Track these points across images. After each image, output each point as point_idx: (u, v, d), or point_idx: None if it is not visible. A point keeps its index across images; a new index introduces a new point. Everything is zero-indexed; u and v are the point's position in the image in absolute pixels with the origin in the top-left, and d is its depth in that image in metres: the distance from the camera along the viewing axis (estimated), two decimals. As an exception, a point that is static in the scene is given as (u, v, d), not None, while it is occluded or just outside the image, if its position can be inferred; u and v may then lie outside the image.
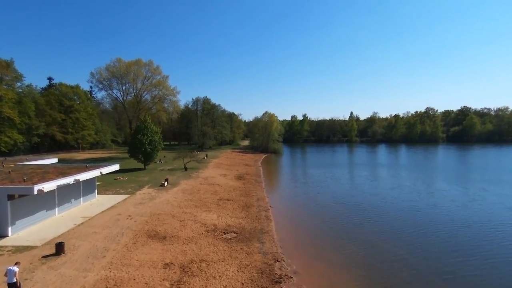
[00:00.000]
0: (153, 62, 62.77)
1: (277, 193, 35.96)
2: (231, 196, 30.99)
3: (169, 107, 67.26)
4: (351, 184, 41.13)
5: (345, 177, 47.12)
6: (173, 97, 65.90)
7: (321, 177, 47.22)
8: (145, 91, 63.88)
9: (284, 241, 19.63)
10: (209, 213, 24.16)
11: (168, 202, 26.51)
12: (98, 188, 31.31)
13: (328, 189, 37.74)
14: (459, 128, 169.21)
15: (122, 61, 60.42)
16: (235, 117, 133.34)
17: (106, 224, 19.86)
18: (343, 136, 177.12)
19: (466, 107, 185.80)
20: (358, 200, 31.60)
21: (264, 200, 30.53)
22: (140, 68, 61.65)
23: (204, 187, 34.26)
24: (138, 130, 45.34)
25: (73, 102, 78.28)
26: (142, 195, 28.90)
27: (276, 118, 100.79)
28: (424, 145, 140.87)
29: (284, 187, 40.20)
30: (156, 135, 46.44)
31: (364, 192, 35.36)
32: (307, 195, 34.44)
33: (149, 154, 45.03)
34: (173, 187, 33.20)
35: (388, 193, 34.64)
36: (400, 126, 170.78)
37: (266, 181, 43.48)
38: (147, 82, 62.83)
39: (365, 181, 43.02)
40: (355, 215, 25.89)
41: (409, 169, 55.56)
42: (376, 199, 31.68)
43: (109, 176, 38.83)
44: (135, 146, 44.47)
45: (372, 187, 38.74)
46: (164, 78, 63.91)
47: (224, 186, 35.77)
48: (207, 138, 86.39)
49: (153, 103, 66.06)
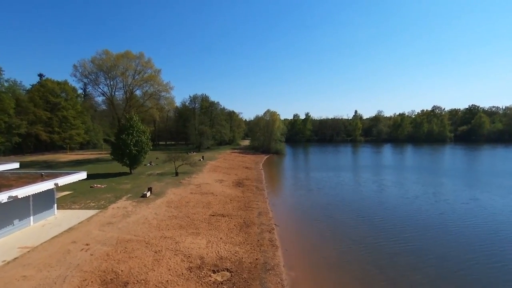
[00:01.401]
0: (144, 55, 57.19)
1: (282, 204, 30.27)
2: (227, 209, 25.37)
3: (163, 104, 61.31)
4: (363, 192, 35.41)
5: (355, 183, 41.45)
6: (167, 93, 60.08)
7: (329, 182, 41.60)
8: (136, 87, 58.10)
9: (298, 283, 14.07)
10: (197, 237, 18.55)
11: (146, 221, 20.88)
12: (65, 200, 25.76)
13: (339, 198, 32.10)
14: (467, 127, 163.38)
15: (109, 53, 54.77)
16: (235, 115, 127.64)
17: (48, 261, 14.24)
18: (347, 136, 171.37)
19: (474, 105, 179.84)
20: (376, 212, 25.96)
21: (267, 215, 24.90)
22: (129, 61, 55.96)
23: (195, 198, 28.63)
24: (122, 129, 39.74)
25: (60, 99, 72.73)
26: (116, 210, 23.27)
27: (279, 117, 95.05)
28: (431, 144, 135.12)
29: (289, 196, 34.53)
30: (143, 135, 40.84)
31: (381, 202, 29.71)
32: (317, 207, 28.77)
33: (135, 156, 39.43)
34: (157, 198, 27.57)
35: (417, 207, 28.97)
36: (406, 125, 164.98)
37: (268, 188, 37.82)
38: (138, 76, 57.11)
39: (378, 188, 37.35)
40: (379, 236, 20.25)
41: (426, 173, 49.81)
42: (401, 213, 26.04)
43: (85, 183, 33.31)
44: (119, 147, 38.89)
45: (390, 196, 33.07)
46: (156, 72, 58.16)
47: (220, 196, 30.15)
48: (204, 137, 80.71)
49: (144, 100, 60.26)
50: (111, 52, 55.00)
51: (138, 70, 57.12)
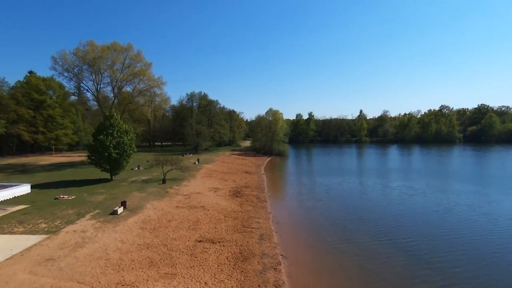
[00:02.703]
0: (133, 47, 51.61)
1: (289, 222, 24.44)
2: (219, 232, 19.66)
3: (155, 101, 55.62)
4: (384, 203, 29.57)
5: (370, 191, 35.62)
6: (159, 89, 54.43)
7: (340, 190, 35.96)
8: (125, 82, 52.51)
9: None
10: (171, 283, 12.87)
11: (103, 255, 15.16)
12: (12, 218, 20.10)
13: (357, 211, 26.33)
14: (477, 128, 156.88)
15: (94, 44, 49.18)
16: (236, 115, 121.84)
17: None
18: (352, 136, 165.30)
19: (484, 105, 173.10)
20: (410, 234, 20.18)
21: (271, 239, 19.16)
22: (117, 54, 50.41)
23: (180, 214, 22.93)
24: (100, 128, 34.09)
25: (46, 97, 67.23)
26: (70, 235, 17.56)
27: (281, 116, 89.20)
28: (440, 145, 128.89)
29: (296, 209, 28.72)
30: (126, 135, 35.23)
31: (410, 217, 23.92)
32: (332, 225, 22.99)
33: (115, 161, 33.78)
34: (130, 215, 21.86)
35: (456, 224, 23.16)
36: (413, 125, 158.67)
37: (271, 198, 32.00)
38: (127, 70, 51.53)
39: (400, 197, 31.51)
40: (428, 273, 14.45)
41: (447, 179, 43.91)
42: (441, 233, 20.26)
43: (51, 193, 27.79)
44: (96, 150, 33.27)
45: (417, 208, 27.23)
46: (147, 66, 52.57)
47: (212, 211, 24.44)
48: (201, 138, 74.96)
49: (134, 96, 54.62)
50: (96, 44, 49.55)
51: (127, 63, 51.61)
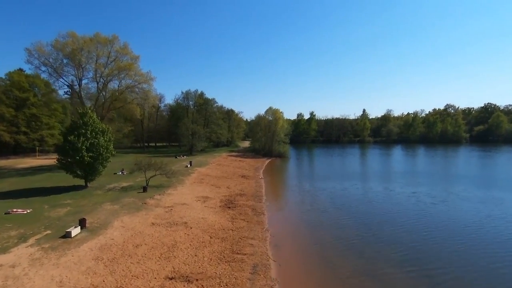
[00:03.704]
0: (118, 38, 46.90)
1: (291, 244, 19.65)
2: (200, 262, 14.97)
3: (143, 98, 50.89)
4: (404, 213, 24.87)
5: (384, 198, 30.89)
6: (148, 85, 49.74)
7: (348, 198, 31.38)
8: (110, 77, 47.87)
9: None
10: None
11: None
12: None
13: (374, 226, 21.61)
14: (484, 127, 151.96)
15: (75, 35, 44.53)
16: (234, 114, 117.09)
17: None
18: (354, 136, 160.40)
19: (490, 103, 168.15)
20: (449, 260, 15.49)
21: (268, 272, 14.45)
22: (101, 46, 45.81)
23: (154, 235, 18.25)
24: (72, 128, 29.45)
25: (29, 94, 62.64)
26: (-9, 273, 12.90)
27: (282, 115, 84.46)
28: (446, 146, 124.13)
29: (299, 224, 24.00)
30: (103, 135, 30.59)
31: (443, 233, 19.23)
32: (344, 247, 18.30)
33: (89, 165, 29.13)
34: (89, 237, 17.15)
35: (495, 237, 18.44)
36: (418, 125, 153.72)
37: (270, 208, 27.24)
38: (112, 65, 46.93)
39: (420, 206, 26.80)
40: None
41: (467, 183, 39.15)
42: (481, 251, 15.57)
43: (4, 205, 23.19)
44: (66, 153, 28.65)
45: (443, 218, 22.53)
46: (134, 60, 47.91)
47: (196, 229, 19.77)
48: (196, 139, 70.22)
49: (120, 93, 49.94)
50: (78, 35, 44.88)
51: (112, 57, 46.96)
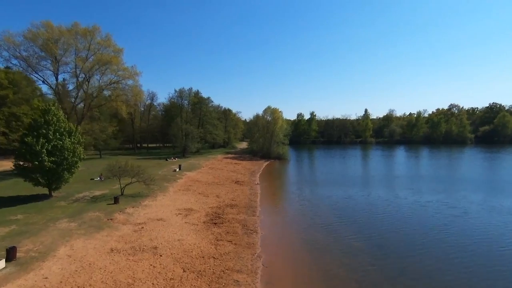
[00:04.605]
0: (99, 29, 42.45)
1: (287, 279, 15.16)
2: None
3: (127, 95, 46.35)
4: (417, 232, 20.37)
5: (391, 209, 26.35)
6: (133, 81, 45.24)
7: (357, 210, 26.76)
8: (91, 72, 43.38)
9: None
10: None
11: None
12: None
13: (385, 252, 17.08)
14: (489, 128, 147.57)
15: (50, 25, 40.04)
16: (232, 114, 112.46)
17: None
18: (356, 137, 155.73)
19: (495, 103, 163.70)
20: None
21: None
22: (80, 38, 41.37)
23: (107, 269, 13.69)
24: (31, 128, 24.90)
25: (8, 92, 58.13)
26: None
27: (281, 115, 79.93)
28: (451, 147, 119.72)
29: (299, 250, 19.46)
30: (69, 137, 26.08)
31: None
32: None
33: (50, 171, 24.61)
34: (15, 274, 12.50)
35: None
36: (421, 125, 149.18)
37: (264, 224, 22.62)
38: (92, 58, 42.46)
39: (439, 223, 22.34)
40: None
41: (481, 191, 34.67)
42: None
43: None
44: (23, 157, 24.15)
45: (485, 237, 18.04)
46: (117, 53, 43.44)
47: (166, 257, 15.23)
48: (189, 140, 65.64)
49: (101, 89, 45.40)
50: (53, 25, 40.36)
51: (93, 49, 42.48)
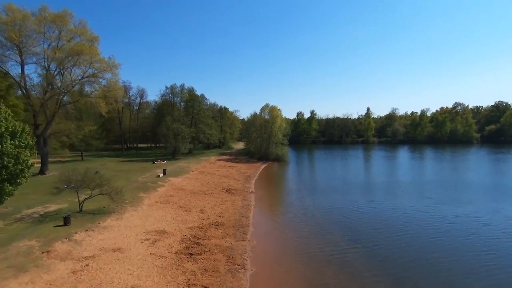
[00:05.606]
0: (72, 15, 37.01)
1: None
2: None
3: (105, 90, 40.73)
4: (452, 262, 15.17)
5: (411, 226, 21.08)
6: (111, 74, 39.77)
7: (365, 226, 21.38)
8: (63, 63, 37.88)
9: None
10: None
11: None
12: None
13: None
14: (496, 127, 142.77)
15: (13, 9, 34.58)
16: (228, 112, 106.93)
17: None
18: (358, 136, 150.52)
19: (502, 102, 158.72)
20: None
21: None
22: (49, 24, 35.94)
23: None
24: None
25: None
26: None
27: (280, 113, 74.51)
28: (456, 146, 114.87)
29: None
30: (12, 139, 20.66)
31: None
32: None
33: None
34: None
35: None
36: (425, 124, 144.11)
37: (256, 255, 17.27)
38: (62, 45, 36.98)
39: (476, 249, 17.15)
40: None
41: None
42: None
43: None
44: None
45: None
46: (92, 41, 37.95)
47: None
48: (179, 140, 60.24)
49: (75, 83, 39.87)
50: (18, 8, 34.89)
51: (63, 37, 37.00)
